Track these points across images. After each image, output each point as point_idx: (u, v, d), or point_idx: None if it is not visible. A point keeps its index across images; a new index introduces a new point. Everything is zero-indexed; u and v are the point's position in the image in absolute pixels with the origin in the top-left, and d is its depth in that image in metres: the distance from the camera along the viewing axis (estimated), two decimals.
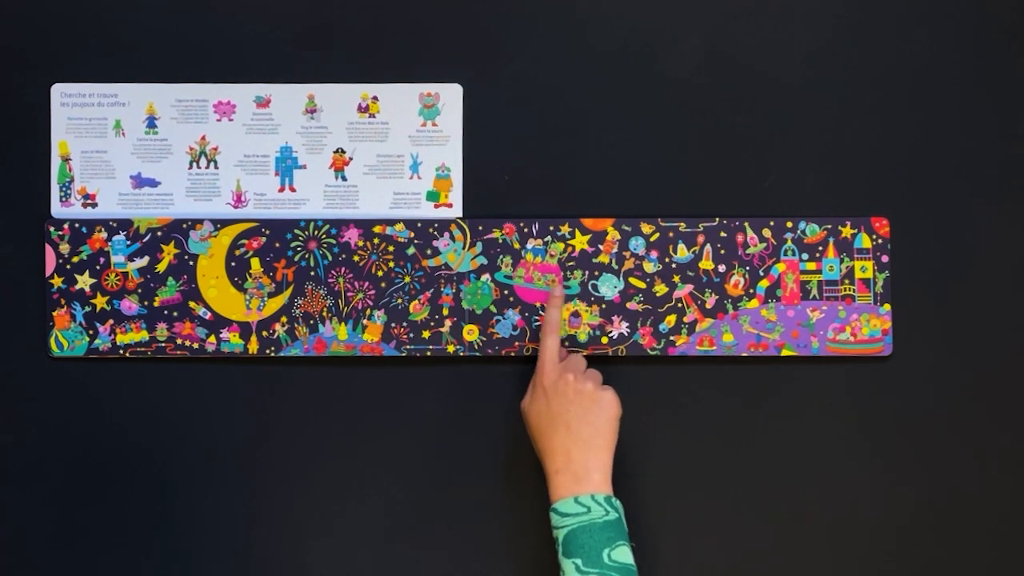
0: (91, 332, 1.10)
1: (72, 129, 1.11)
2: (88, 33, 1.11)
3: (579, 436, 0.99)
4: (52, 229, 1.10)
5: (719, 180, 1.12)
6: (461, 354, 1.11)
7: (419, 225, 1.11)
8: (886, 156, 1.12)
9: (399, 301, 1.11)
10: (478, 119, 1.12)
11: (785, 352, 1.10)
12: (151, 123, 1.11)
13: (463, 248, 1.11)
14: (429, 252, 1.11)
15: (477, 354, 1.11)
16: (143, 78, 1.11)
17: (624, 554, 0.95)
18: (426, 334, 1.11)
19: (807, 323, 1.09)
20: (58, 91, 1.11)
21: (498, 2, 1.12)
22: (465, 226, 1.11)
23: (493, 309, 1.11)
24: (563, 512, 0.97)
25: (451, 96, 1.12)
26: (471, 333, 1.11)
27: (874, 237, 1.09)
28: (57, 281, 1.10)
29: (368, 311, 1.11)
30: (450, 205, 1.12)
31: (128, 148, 1.11)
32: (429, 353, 1.11)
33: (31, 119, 1.11)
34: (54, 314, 1.10)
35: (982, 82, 1.12)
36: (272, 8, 1.11)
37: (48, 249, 1.10)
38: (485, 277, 1.11)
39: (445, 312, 1.11)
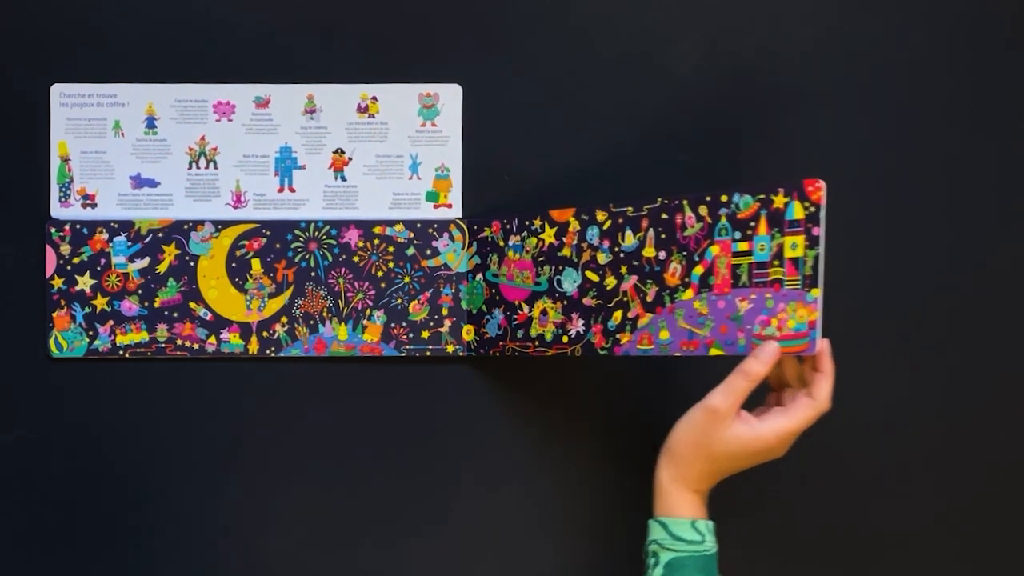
0: (91, 333, 1.10)
1: (71, 129, 1.11)
2: (88, 33, 1.11)
3: (734, 474, 0.93)
4: (53, 230, 1.10)
5: (719, 180, 1.12)
6: (460, 354, 1.11)
7: (419, 226, 1.11)
8: (886, 156, 1.12)
9: (399, 301, 1.11)
10: (478, 119, 1.12)
11: (713, 351, 0.95)
12: (150, 123, 1.11)
13: (462, 248, 1.11)
14: (429, 252, 1.11)
15: (473, 354, 1.11)
16: (143, 78, 1.11)
17: None
18: (426, 334, 1.11)
19: (735, 316, 0.94)
20: (57, 91, 1.11)
21: (498, 2, 1.12)
22: (464, 226, 1.11)
23: (484, 308, 1.11)
24: (677, 536, 0.91)
25: (451, 96, 1.11)
26: (469, 333, 1.11)
27: (807, 205, 0.90)
28: (57, 282, 1.10)
29: (368, 311, 1.11)
30: (449, 205, 1.12)
31: (127, 148, 1.11)
32: (428, 353, 1.11)
33: (31, 119, 1.11)
34: (54, 315, 1.10)
35: (982, 82, 1.12)
36: (272, 8, 1.11)
37: (48, 250, 1.10)
38: (479, 277, 1.11)
39: (444, 312, 1.11)
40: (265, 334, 1.11)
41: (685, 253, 0.97)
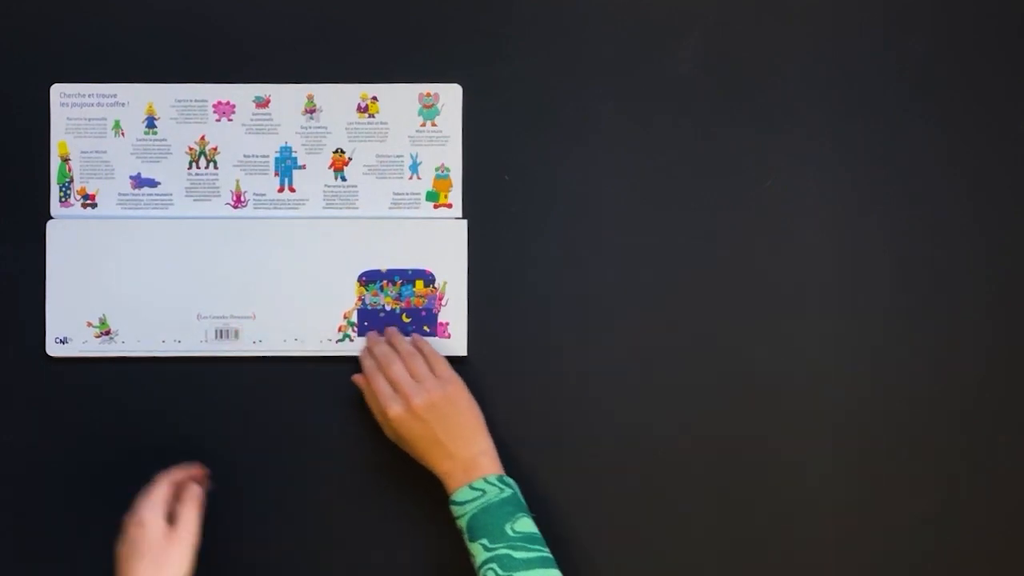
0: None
1: (71, 129, 1.11)
2: (88, 33, 1.11)
3: (450, 438, 1.02)
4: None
5: (718, 179, 1.11)
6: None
7: None
8: (886, 156, 1.11)
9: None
10: (478, 119, 1.11)
11: None
12: (150, 123, 1.11)
13: None
14: None
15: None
16: (143, 78, 1.11)
17: (527, 524, 0.99)
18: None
19: None
20: (58, 91, 1.11)
21: (498, 2, 1.12)
22: None
23: None
24: (461, 501, 1.00)
25: (451, 96, 1.11)
26: None
27: None
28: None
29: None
30: (450, 205, 1.12)
31: (127, 148, 1.11)
32: None
33: (31, 119, 1.11)
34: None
35: (982, 81, 1.11)
36: (272, 8, 1.11)
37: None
38: None
39: None
40: None
41: None
